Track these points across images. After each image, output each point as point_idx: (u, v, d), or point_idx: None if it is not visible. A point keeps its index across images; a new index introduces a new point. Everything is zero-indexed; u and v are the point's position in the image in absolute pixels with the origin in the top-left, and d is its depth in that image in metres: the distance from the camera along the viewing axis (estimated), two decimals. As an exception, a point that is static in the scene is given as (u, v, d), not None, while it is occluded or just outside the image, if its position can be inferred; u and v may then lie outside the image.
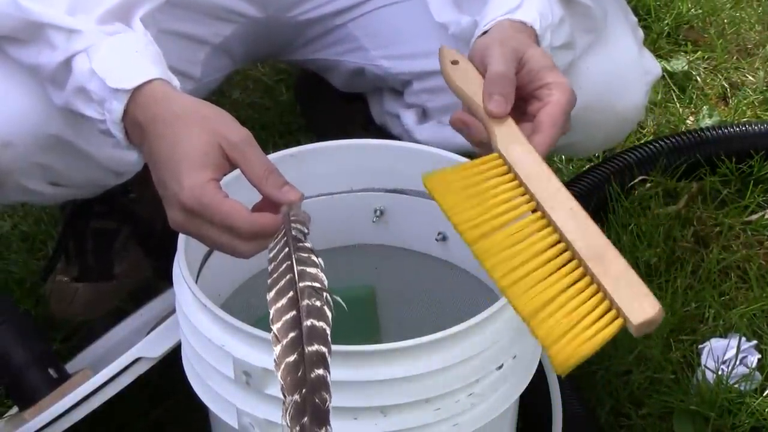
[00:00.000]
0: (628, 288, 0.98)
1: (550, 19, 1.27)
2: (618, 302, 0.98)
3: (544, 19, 1.26)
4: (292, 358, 0.92)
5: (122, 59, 1.15)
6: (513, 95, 1.15)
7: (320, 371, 0.91)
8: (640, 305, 0.97)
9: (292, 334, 0.93)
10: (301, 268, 0.99)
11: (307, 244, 1.02)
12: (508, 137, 1.13)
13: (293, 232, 1.04)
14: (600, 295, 0.99)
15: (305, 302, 0.96)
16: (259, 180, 1.07)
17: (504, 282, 1.01)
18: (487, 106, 1.14)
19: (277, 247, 1.03)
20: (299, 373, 0.91)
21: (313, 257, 1.01)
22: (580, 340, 0.97)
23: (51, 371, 1.34)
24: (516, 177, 1.10)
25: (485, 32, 1.25)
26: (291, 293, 0.97)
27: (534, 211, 1.07)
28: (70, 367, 1.39)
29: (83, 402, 1.25)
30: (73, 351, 1.52)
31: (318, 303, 0.96)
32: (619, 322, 0.97)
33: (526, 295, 1.00)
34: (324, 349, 0.92)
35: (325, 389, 0.90)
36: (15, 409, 1.37)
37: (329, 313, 0.95)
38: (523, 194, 1.08)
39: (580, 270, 1.01)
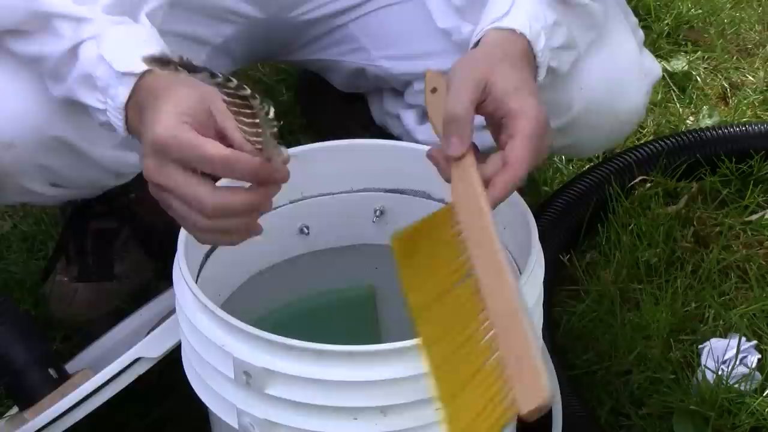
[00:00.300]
0: (525, 371, 0.95)
1: (543, 21, 1.25)
2: (514, 387, 0.95)
3: (535, 23, 1.23)
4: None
5: (131, 45, 1.15)
6: (469, 133, 1.10)
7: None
8: (530, 392, 0.94)
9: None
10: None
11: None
12: (463, 183, 1.10)
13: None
14: (504, 376, 0.97)
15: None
16: (243, 142, 1.02)
17: (431, 362, 1.01)
18: (445, 150, 1.11)
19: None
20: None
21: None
22: (483, 427, 0.96)
23: (51, 371, 1.34)
24: (464, 242, 1.07)
25: (476, 43, 1.24)
26: None
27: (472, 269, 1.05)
28: (70, 367, 1.39)
29: (83, 402, 1.25)
30: (73, 351, 1.52)
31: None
32: (514, 409, 0.95)
33: (448, 376, 1.00)
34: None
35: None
36: (15, 409, 1.37)
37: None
38: (465, 253, 1.06)
39: (494, 345, 0.99)
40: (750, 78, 2.15)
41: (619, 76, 1.47)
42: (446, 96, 1.13)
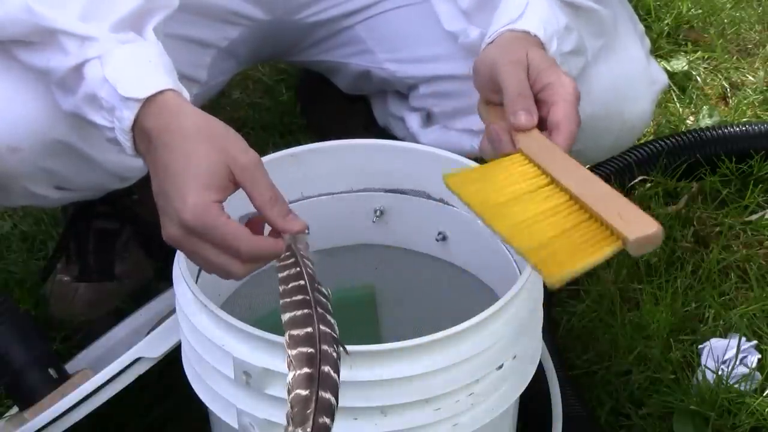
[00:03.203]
0: (633, 217, 1.01)
1: (555, 25, 1.27)
2: (617, 225, 1.00)
3: (548, 26, 1.25)
4: (304, 392, 0.95)
5: (135, 68, 1.14)
6: (535, 107, 1.17)
7: (327, 420, 0.95)
8: (641, 226, 1.00)
9: (307, 370, 0.97)
10: (322, 311, 1.02)
11: (324, 290, 1.05)
12: (533, 138, 1.16)
13: (309, 270, 1.06)
14: (598, 222, 1.02)
15: (324, 347, 0.99)
16: (264, 206, 1.07)
17: (506, 230, 1.05)
18: (514, 122, 1.16)
19: (291, 276, 1.06)
20: (308, 411, 0.94)
21: (330, 306, 1.03)
22: (576, 254, 1.00)
23: (51, 371, 1.34)
24: (540, 168, 1.12)
25: (490, 43, 1.25)
26: (310, 329, 1.00)
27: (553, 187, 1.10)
28: (70, 367, 1.39)
29: (83, 402, 1.25)
30: (73, 351, 1.52)
31: (335, 354, 0.99)
32: (617, 241, 1.00)
33: (526, 233, 1.04)
34: (335, 402, 0.96)
35: None
36: (15, 409, 1.37)
37: (340, 369, 0.99)
38: (543, 175, 1.11)
39: (582, 211, 1.04)
40: (750, 78, 2.15)
41: (626, 83, 1.47)
42: (500, 82, 1.19)
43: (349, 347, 1.02)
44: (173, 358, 1.22)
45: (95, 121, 1.17)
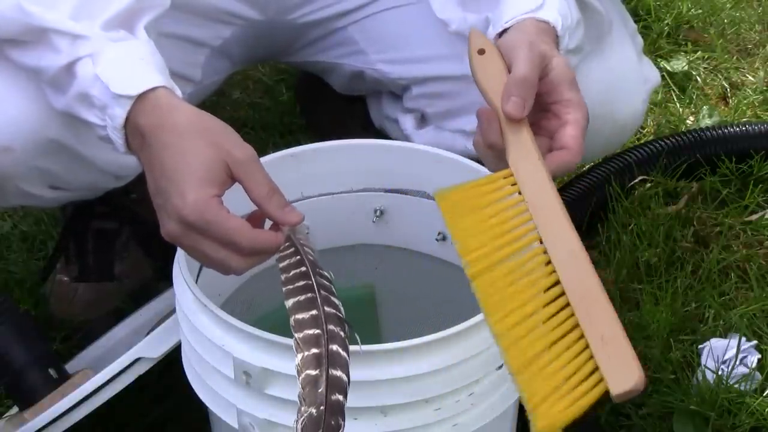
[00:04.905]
0: (615, 351, 0.94)
1: (570, 20, 1.25)
2: (601, 366, 0.94)
3: (564, 21, 1.24)
4: (313, 372, 0.95)
5: (127, 66, 1.14)
6: (532, 100, 1.12)
7: (340, 397, 0.95)
8: (623, 373, 0.93)
9: (315, 350, 0.97)
10: (325, 294, 1.02)
11: (326, 273, 1.05)
12: (522, 151, 1.10)
13: (310, 257, 1.06)
14: (587, 352, 0.95)
15: (330, 327, 0.99)
16: (262, 199, 1.07)
17: (498, 328, 0.99)
18: (504, 106, 1.11)
19: (292, 264, 1.05)
20: (320, 390, 0.94)
21: (333, 288, 1.03)
22: (564, 403, 0.93)
23: (51, 371, 1.34)
24: (524, 200, 1.07)
25: (505, 30, 1.22)
26: (314, 312, 1.00)
27: (538, 241, 1.04)
28: (70, 367, 1.39)
29: (83, 402, 1.25)
30: (73, 351, 1.52)
31: (342, 333, 0.99)
32: (602, 387, 0.94)
33: (517, 346, 0.97)
34: (346, 379, 0.96)
35: (342, 416, 0.94)
36: (15, 409, 1.37)
37: (348, 347, 0.98)
38: (529, 221, 1.05)
39: (572, 320, 0.98)
40: (750, 78, 2.15)
41: (617, 82, 1.47)
42: (512, 59, 1.13)
43: (349, 347, 1.02)
44: (173, 358, 1.22)
45: (87, 120, 1.17)
